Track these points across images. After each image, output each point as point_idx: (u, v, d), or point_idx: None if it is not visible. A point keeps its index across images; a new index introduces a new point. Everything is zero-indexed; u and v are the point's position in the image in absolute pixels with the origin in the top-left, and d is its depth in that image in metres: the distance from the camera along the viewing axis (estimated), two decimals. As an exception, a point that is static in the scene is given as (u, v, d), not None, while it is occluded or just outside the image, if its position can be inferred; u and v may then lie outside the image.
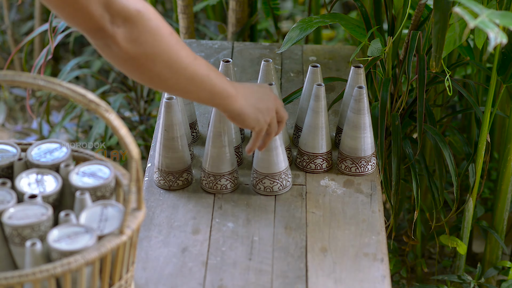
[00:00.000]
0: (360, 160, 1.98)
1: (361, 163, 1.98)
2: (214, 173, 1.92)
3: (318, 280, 1.69)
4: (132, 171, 1.40)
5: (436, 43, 1.77)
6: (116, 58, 1.54)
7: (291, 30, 2.08)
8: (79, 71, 3.08)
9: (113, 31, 1.50)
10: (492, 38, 1.59)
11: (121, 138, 1.37)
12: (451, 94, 1.86)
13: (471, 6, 1.68)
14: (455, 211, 2.24)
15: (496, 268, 2.42)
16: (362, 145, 1.97)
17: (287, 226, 1.84)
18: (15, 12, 3.73)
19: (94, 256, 1.38)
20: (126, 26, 1.50)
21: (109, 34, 1.50)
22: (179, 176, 1.94)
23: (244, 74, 2.41)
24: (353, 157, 1.98)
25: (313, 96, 1.97)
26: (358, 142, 1.97)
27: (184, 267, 1.73)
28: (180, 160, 1.93)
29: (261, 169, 1.92)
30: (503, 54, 2.01)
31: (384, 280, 1.70)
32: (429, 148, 2.66)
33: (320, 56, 2.50)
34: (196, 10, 3.11)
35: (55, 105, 3.57)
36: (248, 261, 1.75)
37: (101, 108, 1.37)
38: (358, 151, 1.97)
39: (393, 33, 2.14)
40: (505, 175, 2.32)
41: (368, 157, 1.98)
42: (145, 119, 3.12)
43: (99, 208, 1.52)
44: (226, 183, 1.93)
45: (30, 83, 1.35)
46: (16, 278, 1.32)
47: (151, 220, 1.86)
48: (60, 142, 1.65)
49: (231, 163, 1.92)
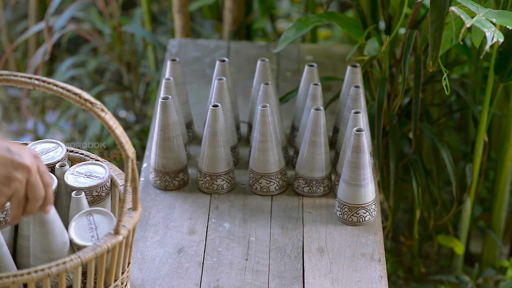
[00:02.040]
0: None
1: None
2: (210, 173, 1.91)
3: (315, 281, 1.69)
4: (127, 170, 1.39)
5: (433, 42, 1.77)
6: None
7: (288, 29, 2.08)
8: (74, 70, 3.07)
9: None
10: (489, 37, 1.59)
11: (116, 137, 1.37)
12: (448, 93, 1.86)
13: (467, 5, 1.68)
14: (454, 210, 2.23)
15: (494, 268, 2.42)
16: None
17: (284, 226, 1.83)
18: (10, 11, 3.72)
19: (90, 256, 1.38)
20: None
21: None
22: (175, 176, 1.93)
23: (240, 73, 2.41)
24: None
25: (309, 96, 1.96)
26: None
27: (180, 267, 1.73)
28: (176, 160, 1.92)
29: (258, 169, 1.91)
30: (500, 53, 2.01)
31: (381, 280, 1.69)
32: (426, 148, 2.66)
33: (317, 55, 2.50)
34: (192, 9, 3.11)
35: (51, 105, 3.56)
36: (245, 262, 1.74)
37: (96, 108, 1.36)
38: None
39: (389, 32, 2.14)
40: (503, 174, 2.32)
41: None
42: (141, 119, 3.12)
43: (84, 218, 1.50)
44: (222, 183, 1.92)
45: (25, 82, 1.34)
46: (11, 278, 1.31)
47: (147, 221, 1.85)
48: (56, 142, 1.65)
49: (227, 163, 1.91)
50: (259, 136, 1.88)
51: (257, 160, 1.90)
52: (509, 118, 2.26)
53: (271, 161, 1.90)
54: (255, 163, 1.91)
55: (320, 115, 1.86)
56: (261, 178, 1.91)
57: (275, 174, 1.91)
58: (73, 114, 3.27)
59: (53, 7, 2.65)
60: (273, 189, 1.92)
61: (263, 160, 1.90)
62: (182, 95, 2.08)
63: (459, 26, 1.89)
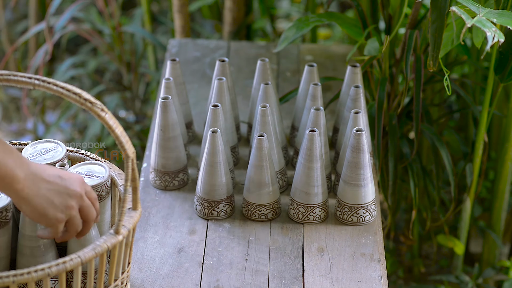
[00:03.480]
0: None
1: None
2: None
3: (315, 281, 1.69)
4: (127, 170, 1.39)
5: (433, 42, 1.77)
6: None
7: (288, 29, 2.08)
8: (74, 70, 3.07)
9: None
10: (490, 37, 1.59)
11: (116, 137, 1.36)
12: (449, 94, 1.86)
13: (468, 5, 1.68)
14: (452, 210, 2.23)
15: (494, 268, 2.42)
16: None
17: (284, 226, 1.83)
18: (10, 11, 3.72)
19: (90, 256, 1.37)
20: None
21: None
22: (175, 176, 1.93)
23: (240, 73, 2.41)
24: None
25: (309, 96, 1.96)
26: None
27: (180, 267, 1.72)
28: (176, 160, 1.92)
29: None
30: (500, 53, 2.01)
31: (381, 280, 1.69)
32: (426, 148, 2.66)
33: (317, 55, 2.50)
34: (192, 9, 3.11)
35: (51, 105, 3.56)
36: (245, 262, 1.74)
37: (96, 108, 1.36)
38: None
39: (390, 32, 2.14)
40: (503, 174, 2.32)
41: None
42: (141, 119, 3.12)
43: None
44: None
45: (25, 82, 1.34)
46: (11, 277, 1.31)
47: (147, 221, 1.85)
48: (56, 142, 1.65)
49: (227, 163, 1.90)
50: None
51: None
52: (509, 118, 2.26)
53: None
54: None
55: (320, 115, 1.86)
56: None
57: (275, 174, 1.90)
58: (73, 114, 3.27)
59: (53, 7, 2.66)
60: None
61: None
62: (182, 95, 2.08)
63: (460, 26, 1.89)
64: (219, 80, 1.98)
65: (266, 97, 1.97)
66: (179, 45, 2.54)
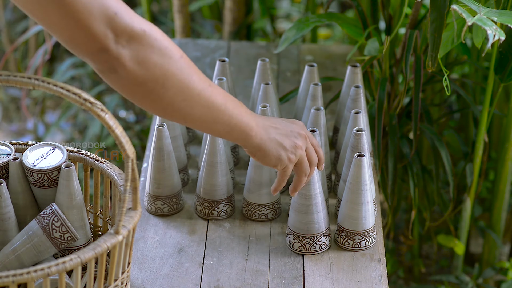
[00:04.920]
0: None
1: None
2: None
3: (315, 281, 1.69)
4: (127, 170, 1.39)
5: (432, 42, 1.76)
6: (123, 83, 1.39)
7: (288, 30, 2.08)
8: (74, 70, 3.07)
9: (118, 52, 1.35)
10: (491, 35, 1.59)
11: (116, 137, 1.36)
12: (449, 94, 1.86)
13: (469, 4, 1.68)
14: (451, 210, 2.23)
15: (494, 268, 2.42)
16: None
17: (284, 226, 1.83)
18: (10, 11, 3.72)
19: (90, 256, 1.37)
20: (132, 46, 1.36)
21: (114, 56, 1.35)
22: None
23: (241, 73, 2.41)
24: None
25: (309, 96, 1.96)
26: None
27: (180, 267, 1.72)
28: (176, 159, 1.91)
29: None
30: (501, 53, 2.01)
31: (381, 280, 1.69)
32: (426, 148, 2.66)
33: (317, 55, 2.50)
34: (192, 9, 3.11)
35: (51, 105, 3.56)
36: (245, 262, 1.74)
37: (96, 108, 1.35)
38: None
39: (390, 32, 2.14)
40: (503, 174, 2.32)
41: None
42: (141, 119, 3.11)
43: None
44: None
45: (25, 82, 1.34)
46: (11, 277, 1.31)
47: (147, 221, 1.85)
48: (56, 145, 1.64)
49: (227, 163, 1.90)
50: (259, 136, 1.87)
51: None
52: (509, 118, 2.26)
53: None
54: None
55: (320, 115, 1.86)
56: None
57: (275, 174, 1.90)
58: (73, 114, 3.27)
59: (53, 7, 2.65)
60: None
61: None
62: (182, 95, 2.07)
63: (460, 26, 1.89)
64: (219, 80, 1.97)
65: (266, 97, 1.97)
66: (179, 45, 2.54)
